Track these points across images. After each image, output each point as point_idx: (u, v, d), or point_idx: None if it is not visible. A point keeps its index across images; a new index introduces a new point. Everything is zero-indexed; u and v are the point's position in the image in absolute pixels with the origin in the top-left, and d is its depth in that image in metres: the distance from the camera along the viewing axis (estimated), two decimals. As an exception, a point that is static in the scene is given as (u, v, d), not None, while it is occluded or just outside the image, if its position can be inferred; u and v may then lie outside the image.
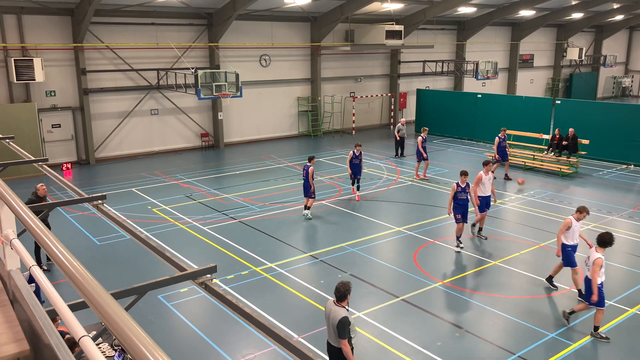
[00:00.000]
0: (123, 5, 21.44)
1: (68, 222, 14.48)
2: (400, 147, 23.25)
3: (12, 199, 2.78)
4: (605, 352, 8.40)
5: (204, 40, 24.38)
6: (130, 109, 23.12)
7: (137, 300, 2.50)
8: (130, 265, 11.62)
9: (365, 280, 10.83)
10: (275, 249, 12.63)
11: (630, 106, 26.00)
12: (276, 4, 24.29)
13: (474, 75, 30.00)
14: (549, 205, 15.97)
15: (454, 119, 27.83)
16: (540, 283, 10.74)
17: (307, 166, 14.58)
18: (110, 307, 1.62)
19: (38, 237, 2.25)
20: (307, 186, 14.54)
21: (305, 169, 14.59)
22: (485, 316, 9.53)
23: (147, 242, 3.14)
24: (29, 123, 19.76)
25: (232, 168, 21.32)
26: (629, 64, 49.00)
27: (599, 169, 20.77)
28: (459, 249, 12.40)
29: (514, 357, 8.18)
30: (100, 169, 21.39)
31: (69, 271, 1.89)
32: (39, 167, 4.95)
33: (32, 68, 19.38)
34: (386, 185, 18.30)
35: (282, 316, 9.37)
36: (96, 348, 1.62)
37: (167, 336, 8.83)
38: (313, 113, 28.54)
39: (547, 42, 41.79)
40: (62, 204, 4.03)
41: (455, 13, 31.48)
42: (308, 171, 14.44)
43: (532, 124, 23.10)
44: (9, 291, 2.90)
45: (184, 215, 15.08)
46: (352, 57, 29.93)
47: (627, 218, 14.87)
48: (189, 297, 10.13)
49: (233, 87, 21.38)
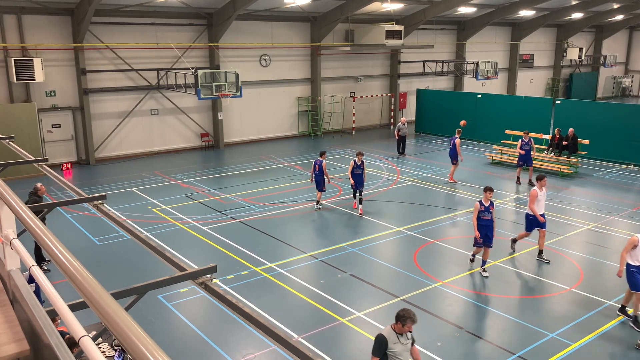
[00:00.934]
0: (123, 5, 21.43)
1: (68, 222, 14.48)
2: (401, 145, 23.31)
3: (12, 199, 2.78)
4: (605, 352, 8.40)
5: (204, 40, 24.37)
6: (130, 109, 23.12)
7: (137, 300, 2.50)
8: (130, 265, 11.62)
9: (365, 280, 10.83)
10: (275, 249, 12.62)
11: (630, 106, 26.00)
12: (276, 4, 24.29)
13: (474, 75, 30.00)
14: (549, 205, 15.93)
15: (454, 119, 27.78)
16: (541, 283, 10.74)
17: (319, 161, 15.15)
18: (110, 307, 1.62)
19: (38, 237, 2.25)
20: (320, 180, 15.18)
21: (317, 164, 15.13)
22: (485, 316, 9.53)
23: (147, 242, 3.14)
24: (29, 123, 19.76)
25: (232, 168, 21.31)
26: (629, 64, 49.00)
27: (599, 169, 20.76)
28: (486, 275, 11.06)
29: (514, 357, 8.18)
30: (100, 169, 21.39)
31: (69, 271, 1.89)
32: (39, 167, 4.95)
33: (32, 68, 19.38)
34: (386, 185, 18.30)
35: (282, 316, 9.37)
36: (96, 348, 1.62)
37: (167, 336, 8.82)
38: (313, 113, 28.54)
39: (547, 42, 41.79)
40: (62, 204, 4.03)
41: (455, 13, 31.48)
42: (321, 165, 15.03)
43: (532, 124, 23.07)
44: (9, 291, 2.90)
45: (184, 215, 15.08)
46: (352, 57, 29.93)
47: (627, 218, 14.86)
48: (189, 297, 10.13)
49: (233, 87, 21.38)
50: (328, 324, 9.12)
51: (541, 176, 11.87)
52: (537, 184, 11.79)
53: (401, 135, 23.17)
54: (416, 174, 19.81)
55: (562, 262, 11.87)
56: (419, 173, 20.01)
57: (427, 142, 26.69)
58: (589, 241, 13.12)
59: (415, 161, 22.32)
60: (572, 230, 13.83)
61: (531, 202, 11.66)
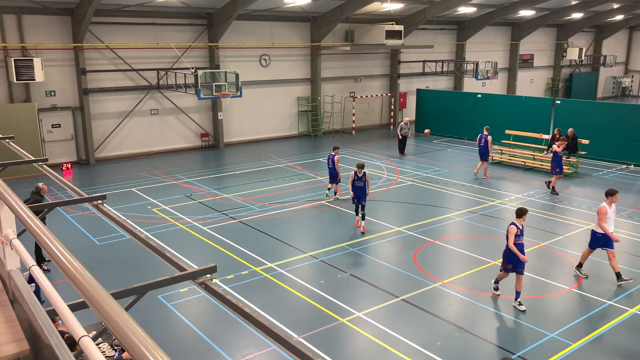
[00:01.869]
0: (123, 5, 21.44)
1: (68, 222, 14.48)
2: (402, 145, 23.31)
3: (12, 199, 2.78)
4: (605, 352, 8.40)
5: (204, 40, 24.37)
6: (130, 109, 23.12)
7: (137, 300, 2.50)
8: (130, 265, 11.62)
9: (365, 280, 10.83)
10: (275, 249, 12.62)
11: (630, 106, 25.99)
12: (276, 4, 24.29)
13: (474, 75, 30.00)
14: (549, 205, 15.97)
15: (454, 119, 27.84)
16: (541, 283, 10.73)
17: (332, 155, 15.96)
18: (110, 307, 1.62)
19: (38, 237, 2.25)
20: (334, 173, 15.92)
21: (330, 158, 15.99)
22: (485, 316, 9.53)
23: (147, 242, 3.14)
24: (29, 123, 19.76)
25: (232, 168, 21.32)
26: (628, 64, 49.00)
27: (599, 169, 20.76)
28: (523, 309, 9.62)
29: (514, 357, 8.18)
30: (100, 169, 21.39)
31: (69, 271, 1.89)
32: (39, 167, 4.95)
33: (32, 68, 19.38)
34: (386, 185, 18.30)
35: (282, 316, 9.37)
36: (96, 348, 1.62)
37: (167, 336, 8.82)
38: (313, 113, 28.54)
39: (547, 42, 41.79)
40: (62, 204, 4.03)
41: (455, 13, 31.48)
42: (334, 160, 15.84)
43: (532, 124, 23.10)
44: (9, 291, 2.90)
45: (184, 215, 15.08)
46: (352, 57, 29.92)
47: (627, 218, 14.86)
48: (189, 297, 10.13)
49: (233, 87, 21.39)
50: (328, 324, 9.12)
51: (612, 191, 10.65)
52: (606, 200, 10.64)
53: (403, 135, 23.16)
54: (416, 174, 19.81)
55: (562, 262, 11.87)
56: (419, 173, 20.01)
57: (427, 142, 26.68)
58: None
59: (415, 161, 22.32)
60: (572, 230, 13.83)
61: (601, 219, 10.51)
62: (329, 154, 16.23)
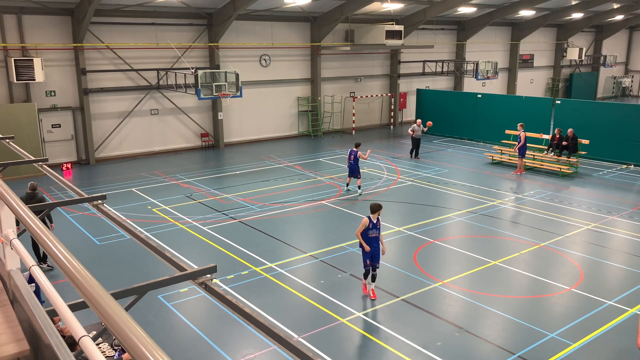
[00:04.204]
0: (123, 5, 21.43)
1: (68, 222, 14.48)
2: (415, 148, 22.92)
3: (12, 199, 2.78)
4: (605, 352, 8.40)
5: (204, 40, 24.38)
6: (130, 109, 23.12)
7: (137, 300, 2.50)
8: (130, 265, 11.62)
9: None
10: (275, 249, 12.62)
11: (630, 106, 25.98)
12: (276, 4, 24.29)
13: (474, 75, 30.00)
14: (549, 205, 15.97)
15: (454, 119, 27.84)
16: (541, 283, 10.73)
17: (354, 151, 16.51)
18: (110, 307, 1.62)
19: (38, 237, 2.25)
20: (354, 168, 16.56)
21: (352, 154, 16.55)
22: (485, 316, 9.53)
23: (147, 242, 3.14)
24: (29, 123, 19.75)
25: (232, 168, 21.31)
26: (629, 64, 48.99)
27: (599, 169, 20.76)
28: None
29: (514, 357, 8.18)
30: (100, 169, 21.39)
31: (69, 271, 1.89)
32: (39, 167, 4.95)
33: (32, 68, 19.38)
34: (386, 185, 18.30)
35: (282, 316, 9.37)
36: (96, 348, 1.62)
37: (167, 336, 8.82)
38: (313, 113, 28.54)
39: (547, 42, 41.78)
40: (62, 204, 4.03)
41: (455, 13, 31.48)
42: (356, 155, 16.38)
43: (532, 124, 23.07)
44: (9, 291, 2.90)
45: (184, 215, 15.08)
46: (352, 57, 29.93)
47: (627, 218, 14.86)
48: (189, 297, 10.13)
49: (233, 87, 21.39)
50: (328, 324, 9.12)
51: None
52: None
53: (415, 137, 22.79)
54: (416, 174, 19.81)
55: (562, 262, 11.87)
56: (419, 173, 20.01)
57: (427, 142, 26.66)
58: (589, 241, 13.12)
59: (415, 161, 22.32)
60: (572, 230, 13.83)
61: None
62: (351, 149, 16.78)
